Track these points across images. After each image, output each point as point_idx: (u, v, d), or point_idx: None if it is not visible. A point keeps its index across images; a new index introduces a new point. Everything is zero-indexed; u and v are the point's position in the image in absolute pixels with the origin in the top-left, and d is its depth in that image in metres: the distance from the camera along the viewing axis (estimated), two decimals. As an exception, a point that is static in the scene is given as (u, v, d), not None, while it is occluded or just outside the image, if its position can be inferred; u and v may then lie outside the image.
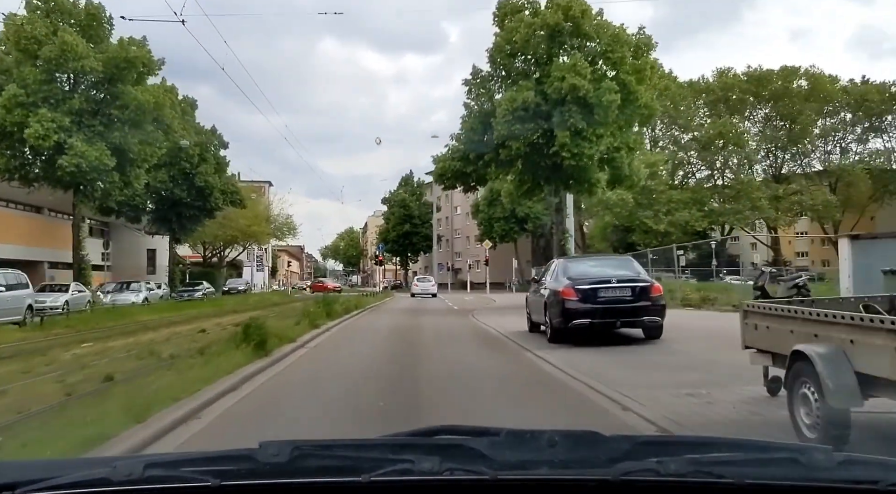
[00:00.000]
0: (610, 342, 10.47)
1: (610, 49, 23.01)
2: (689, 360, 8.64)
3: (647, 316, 9.96)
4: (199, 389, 6.53)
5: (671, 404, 5.89)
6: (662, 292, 10.30)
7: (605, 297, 9.91)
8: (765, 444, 1.71)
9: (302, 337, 11.70)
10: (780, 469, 1.43)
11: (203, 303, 32.67)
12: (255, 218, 68.23)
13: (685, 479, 1.31)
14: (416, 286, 45.81)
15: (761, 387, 5.76)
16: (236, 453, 1.47)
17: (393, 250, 76.22)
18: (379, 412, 6.12)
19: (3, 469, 1.59)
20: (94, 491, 1.27)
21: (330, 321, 16.54)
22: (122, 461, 1.39)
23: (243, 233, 67.51)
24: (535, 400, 6.94)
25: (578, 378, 7.62)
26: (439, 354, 10.48)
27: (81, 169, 26.17)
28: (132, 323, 17.15)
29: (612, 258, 16.85)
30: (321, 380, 8.17)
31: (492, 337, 13.63)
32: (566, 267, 11.05)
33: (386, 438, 1.72)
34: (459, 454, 1.45)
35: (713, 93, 64.17)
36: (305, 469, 1.39)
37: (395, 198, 74.50)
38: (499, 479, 1.29)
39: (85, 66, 26.57)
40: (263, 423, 5.90)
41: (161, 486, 1.28)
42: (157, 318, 19.52)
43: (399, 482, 1.30)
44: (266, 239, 69.68)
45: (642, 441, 1.85)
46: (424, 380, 7.97)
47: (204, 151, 41.00)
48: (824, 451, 1.49)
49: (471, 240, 73.74)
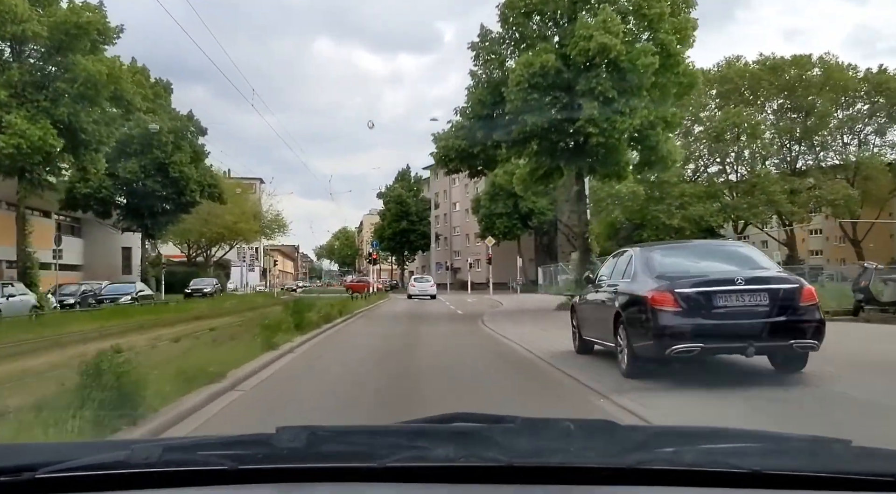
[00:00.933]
0: (724, 376, 6.76)
1: (646, 3, 19.19)
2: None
3: (797, 338, 6.03)
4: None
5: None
6: (817, 299, 6.32)
7: (726, 307, 5.91)
8: (781, 435, 1.72)
9: (236, 372, 7.29)
10: (797, 459, 1.42)
11: (134, 310, 24.35)
12: (242, 214, 64.38)
13: (700, 468, 1.29)
14: (414, 287, 41.99)
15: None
16: (253, 438, 1.46)
17: (389, 248, 72.36)
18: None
19: (23, 451, 1.69)
20: (111, 473, 1.27)
21: (300, 335, 12.46)
22: (140, 444, 1.41)
23: (230, 231, 63.63)
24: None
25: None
26: (455, 399, 6.55)
27: (22, 150, 22.30)
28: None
29: (720, 245, 12.39)
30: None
31: (524, 361, 9.46)
32: (651, 261, 6.95)
33: (401, 425, 1.72)
34: (474, 441, 1.46)
35: (727, 81, 60.50)
36: (321, 454, 1.40)
37: (391, 193, 70.60)
38: (513, 465, 1.28)
39: (27, 30, 22.72)
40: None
41: (178, 469, 1.28)
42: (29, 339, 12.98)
43: (414, 467, 1.30)
44: (254, 237, 65.76)
45: (657, 431, 1.81)
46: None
47: (179, 139, 37.14)
48: (842, 442, 1.48)
49: (470, 238, 69.95)
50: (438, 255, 67.34)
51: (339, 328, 17.23)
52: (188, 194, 37.48)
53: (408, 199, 69.00)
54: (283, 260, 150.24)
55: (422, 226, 68.32)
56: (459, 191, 72.72)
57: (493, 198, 57.07)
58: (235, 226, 62.25)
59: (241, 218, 62.43)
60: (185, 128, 37.90)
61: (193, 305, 29.01)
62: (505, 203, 56.41)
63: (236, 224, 62.34)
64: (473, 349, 11.71)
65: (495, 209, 56.80)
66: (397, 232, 68.41)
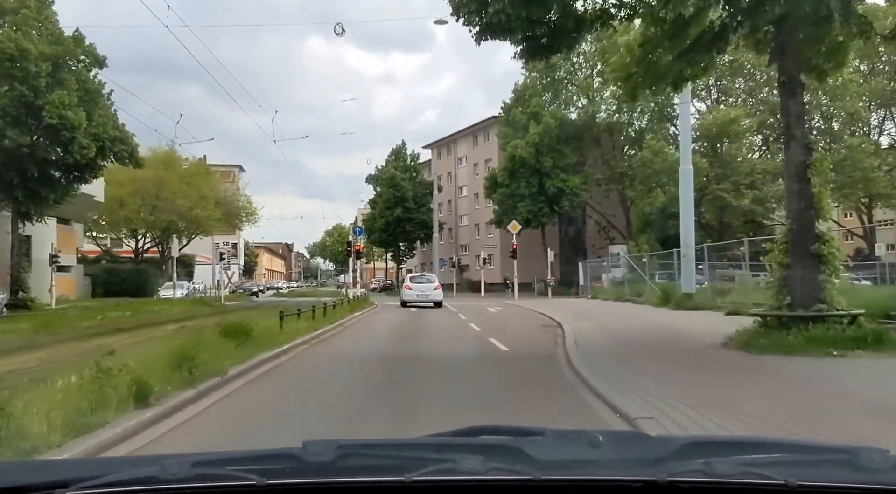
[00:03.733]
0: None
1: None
2: None
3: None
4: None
5: None
6: None
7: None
8: (817, 445, 1.69)
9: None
10: (833, 470, 1.37)
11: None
12: (200, 199, 51.89)
13: (734, 480, 1.27)
14: (410, 289, 29.37)
15: None
16: (281, 452, 1.46)
17: (382, 242, 59.82)
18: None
19: (54, 467, 1.72)
20: (142, 490, 1.27)
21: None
22: (170, 459, 1.40)
23: (183, 219, 51.16)
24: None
25: None
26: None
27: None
28: None
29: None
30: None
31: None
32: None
33: (428, 438, 1.69)
34: (502, 453, 1.43)
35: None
36: (349, 469, 1.39)
37: (382, 175, 57.99)
38: (542, 479, 1.27)
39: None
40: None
41: (208, 484, 1.29)
42: None
43: (442, 481, 1.29)
44: (215, 226, 53.25)
45: (689, 441, 1.63)
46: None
47: (59, 69, 24.80)
48: (880, 452, 1.42)
49: (481, 229, 57.47)
50: (441, 250, 54.81)
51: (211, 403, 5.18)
52: (77, 151, 25.02)
53: (403, 182, 56.46)
54: (271, 259, 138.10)
55: (420, 214, 55.91)
56: (466, 173, 60.29)
57: (512, 175, 44.61)
58: (190, 212, 49.91)
59: (197, 203, 50.03)
60: (71, 53, 25.41)
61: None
62: (528, 181, 44.03)
63: (191, 210, 50.00)
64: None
65: (516, 189, 44.38)
66: (391, 221, 55.85)
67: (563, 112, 45.56)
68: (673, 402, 6.06)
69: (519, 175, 44.37)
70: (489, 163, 54.86)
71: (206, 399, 6.98)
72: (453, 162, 61.95)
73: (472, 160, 59.00)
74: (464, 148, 60.50)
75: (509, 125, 45.86)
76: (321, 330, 14.21)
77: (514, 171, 44.67)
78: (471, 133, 59.09)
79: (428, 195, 55.77)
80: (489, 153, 55.68)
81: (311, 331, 13.34)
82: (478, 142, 58.61)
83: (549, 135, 43.33)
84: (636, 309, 22.51)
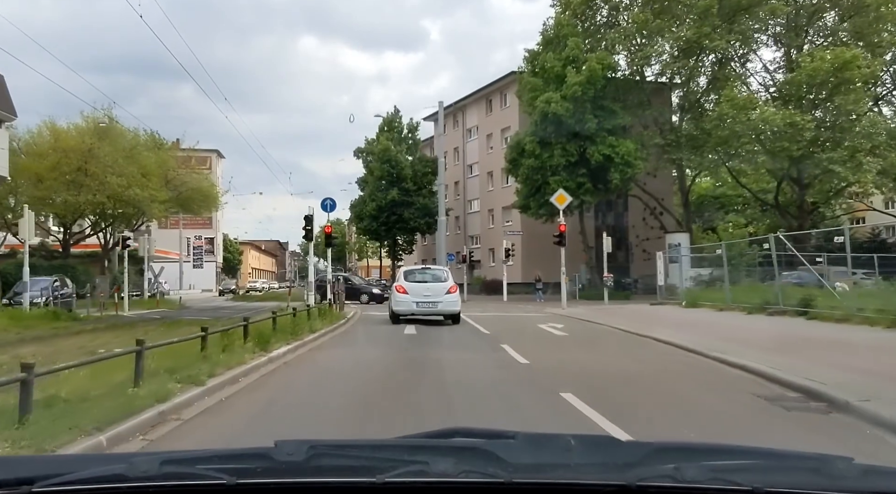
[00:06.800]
0: None
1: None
2: None
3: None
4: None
5: None
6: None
7: None
8: (784, 452, 1.71)
9: None
10: (800, 477, 1.38)
11: None
12: (143, 177, 40.41)
13: (703, 486, 1.27)
14: (406, 293, 17.57)
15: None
16: (252, 451, 1.43)
17: (373, 231, 48.30)
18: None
19: (21, 464, 1.62)
20: (110, 487, 1.24)
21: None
22: (139, 457, 1.36)
23: (118, 200, 39.70)
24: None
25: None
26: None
27: None
28: None
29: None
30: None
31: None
32: None
33: (401, 439, 1.67)
34: (475, 456, 1.42)
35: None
36: (321, 469, 1.36)
37: (373, 148, 46.52)
38: (514, 482, 1.26)
39: None
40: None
41: (177, 483, 1.25)
42: None
43: (414, 483, 1.27)
44: (159, 210, 41.93)
45: (659, 447, 1.66)
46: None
47: None
48: (845, 461, 1.44)
49: (496, 215, 46.18)
50: (446, 243, 43.24)
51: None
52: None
53: (399, 157, 45.12)
54: (259, 257, 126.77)
55: (422, 198, 44.66)
56: (477, 148, 48.99)
57: (543, 143, 33.28)
58: (126, 192, 38.65)
59: (134, 181, 38.75)
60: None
61: None
62: (564, 148, 32.72)
63: (128, 190, 38.75)
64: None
65: (548, 159, 33.06)
66: (384, 205, 44.52)
67: (611, 58, 34.22)
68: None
69: (552, 140, 33.08)
70: (506, 133, 43.58)
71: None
72: (461, 135, 50.61)
73: (485, 130, 47.67)
74: (475, 116, 49.16)
75: (537, 75, 34.59)
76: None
77: (544, 137, 33.37)
78: (483, 97, 47.75)
79: (430, 174, 44.47)
80: (507, 120, 44.45)
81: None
82: (492, 108, 47.30)
83: (595, 86, 32.10)
84: (861, 332, 11.29)
